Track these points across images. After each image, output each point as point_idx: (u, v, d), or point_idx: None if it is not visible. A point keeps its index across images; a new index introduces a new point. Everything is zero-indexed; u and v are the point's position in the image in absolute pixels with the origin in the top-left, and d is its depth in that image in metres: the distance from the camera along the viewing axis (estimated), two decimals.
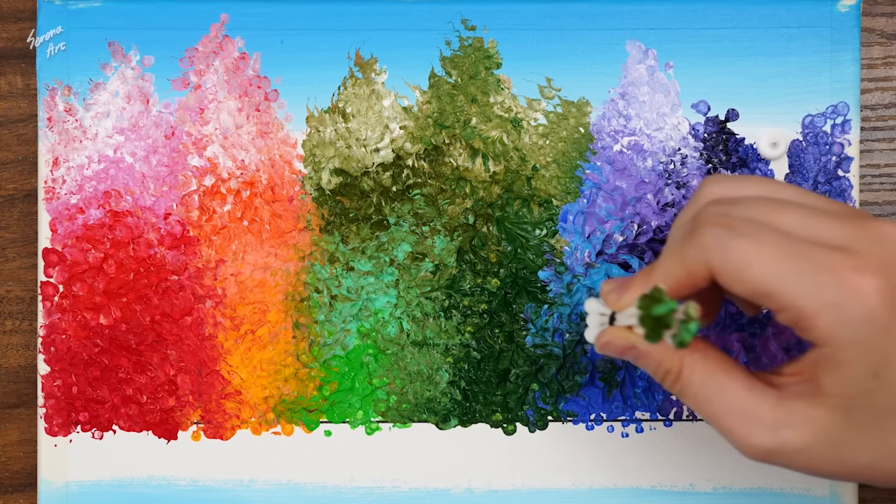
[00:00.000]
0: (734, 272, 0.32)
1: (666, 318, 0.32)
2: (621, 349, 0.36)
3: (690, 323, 0.32)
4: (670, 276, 0.34)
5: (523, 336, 0.45)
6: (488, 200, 0.45)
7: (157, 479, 0.45)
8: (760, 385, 0.34)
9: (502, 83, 0.45)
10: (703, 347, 0.35)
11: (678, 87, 0.45)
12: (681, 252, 0.33)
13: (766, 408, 0.33)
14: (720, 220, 0.33)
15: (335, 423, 0.45)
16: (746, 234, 0.32)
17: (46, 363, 0.45)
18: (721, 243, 0.32)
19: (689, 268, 0.33)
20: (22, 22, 0.47)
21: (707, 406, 0.34)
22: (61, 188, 0.45)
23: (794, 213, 0.33)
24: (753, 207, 0.33)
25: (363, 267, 0.45)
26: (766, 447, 0.33)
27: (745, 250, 0.32)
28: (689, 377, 0.35)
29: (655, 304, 0.33)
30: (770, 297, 0.32)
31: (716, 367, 0.34)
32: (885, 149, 0.46)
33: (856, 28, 0.44)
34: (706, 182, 0.36)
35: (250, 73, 0.45)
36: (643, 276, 0.35)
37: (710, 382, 0.34)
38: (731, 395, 0.34)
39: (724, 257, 0.32)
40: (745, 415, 0.33)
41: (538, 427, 0.45)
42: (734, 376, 0.34)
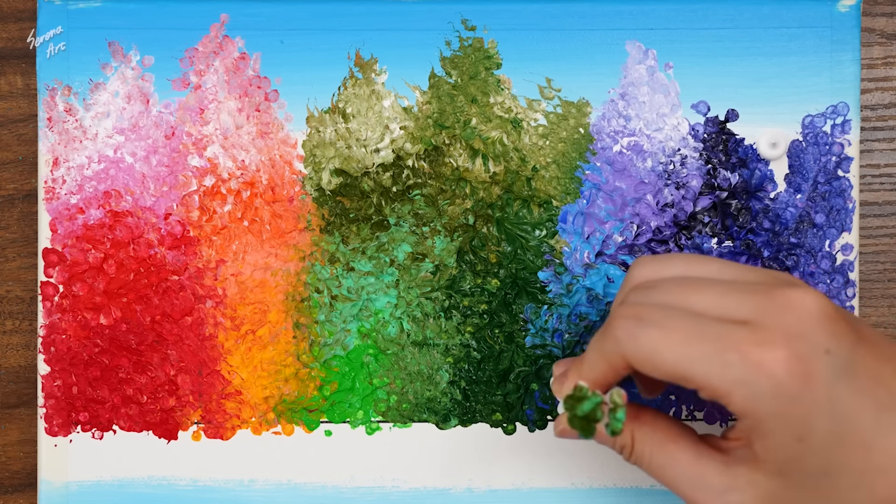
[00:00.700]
0: (646, 360, 0.33)
1: (593, 413, 0.34)
2: (576, 435, 0.37)
3: (618, 410, 0.33)
4: (595, 368, 0.35)
5: (523, 336, 0.45)
6: (488, 201, 0.45)
7: (157, 479, 0.45)
8: (708, 451, 0.35)
9: (502, 83, 0.45)
10: (650, 419, 0.36)
11: (678, 87, 0.45)
12: (600, 345, 0.35)
13: (714, 473, 0.34)
14: (630, 312, 0.34)
15: (335, 423, 0.45)
16: (654, 322, 0.33)
17: (46, 363, 0.45)
18: (631, 335, 0.33)
19: (608, 359, 0.34)
20: (22, 22, 0.47)
21: (661, 474, 0.36)
22: (61, 188, 0.45)
23: (706, 291, 0.34)
24: (669, 291, 0.34)
25: (363, 267, 0.45)
26: None
27: (652, 339, 0.33)
28: (641, 449, 0.36)
29: (579, 404, 0.34)
30: (685, 379, 0.33)
31: (664, 438, 0.36)
32: (885, 149, 0.46)
33: (856, 28, 0.44)
34: (633, 266, 0.37)
35: (250, 73, 0.45)
36: (576, 367, 0.37)
37: (660, 453, 0.36)
38: (682, 464, 0.35)
39: (635, 348, 0.33)
40: (696, 481, 0.35)
41: (538, 427, 0.45)
42: (682, 445, 0.36)
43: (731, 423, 0.36)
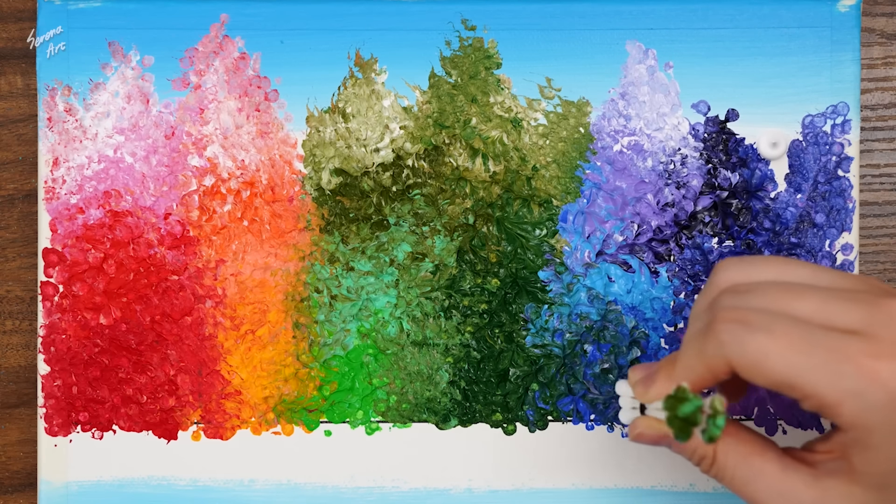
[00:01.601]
0: (753, 367, 0.32)
1: (693, 416, 0.33)
2: (654, 439, 0.37)
3: (718, 417, 0.32)
4: (692, 371, 0.34)
5: (523, 336, 0.45)
6: (488, 200, 0.45)
7: (157, 479, 0.45)
8: (794, 464, 0.34)
9: (502, 83, 0.45)
10: (734, 431, 0.35)
11: (678, 87, 0.45)
12: (700, 348, 0.34)
13: (802, 487, 0.33)
14: (735, 316, 0.33)
15: (335, 423, 0.45)
16: (762, 327, 0.32)
17: (46, 363, 0.45)
18: (738, 339, 0.32)
19: (708, 363, 0.33)
20: (22, 22, 0.47)
21: (744, 489, 0.35)
22: (61, 188, 0.45)
23: (809, 298, 0.33)
24: (768, 296, 0.33)
25: (363, 267, 0.45)
26: None
27: (761, 345, 0.32)
28: (724, 461, 0.35)
29: (680, 405, 0.33)
30: (791, 388, 0.32)
31: (749, 450, 0.35)
32: (885, 149, 0.46)
33: (856, 28, 0.44)
34: (719, 267, 0.36)
35: (250, 73, 0.45)
36: (666, 368, 0.36)
37: (745, 466, 0.35)
38: (767, 477, 0.34)
39: (741, 353, 0.32)
40: (783, 496, 0.34)
41: (538, 427, 0.45)
42: (767, 458, 0.34)
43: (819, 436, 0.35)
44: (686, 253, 0.45)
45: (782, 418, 0.45)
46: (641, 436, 0.37)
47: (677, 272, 0.45)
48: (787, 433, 0.45)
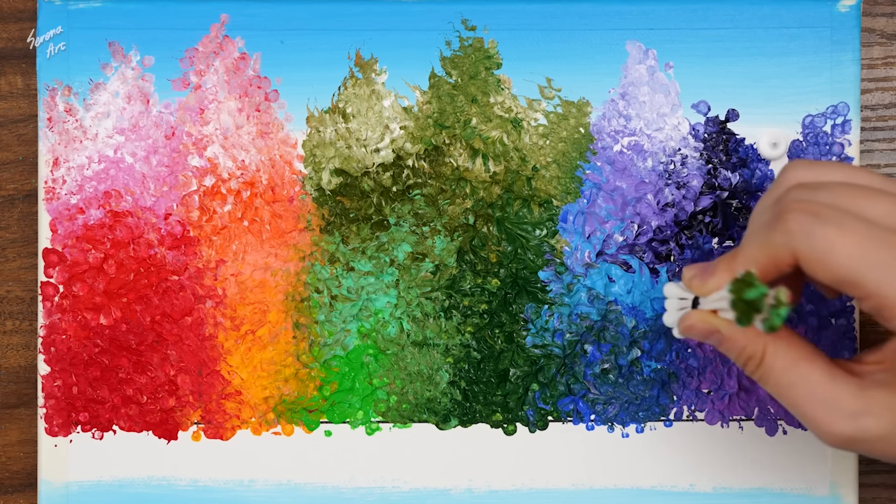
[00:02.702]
0: (819, 259, 0.32)
1: (757, 303, 0.33)
2: (705, 333, 0.36)
3: (781, 308, 0.32)
4: (755, 262, 0.34)
5: (523, 336, 0.45)
6: (488, 201, 0.45)
7: (157, 479, 0.45)
8: (842, 373, 0.34)
9: (502, 83, 0.45)
10: (786, 334, 0.35)
11: (678, 87, 0.45)
12: (766, 237, 0.33)
13: (848, 396, 0.33)
14: (805, 207, 0.33)
15: (335, 423, 0.45)
16: (832, 221, 0.32)
17: (46, 363, 0.45)
18: (806, 230, 0.32)
19: (774, 253, 0.33)
20: (22, 22, 0.47)
21: (788, 393, 0.35)
22: (61, 188, 0.45)
23: (879, 201, 0.33)
24: (838, 194, 0.33)
25: (363, 267, 0.45)
26: (847, 435, 0.33)
27: (830, 238, 0.32)
28: (772, 363, 0.35)
29: (747, 289, 0.33)
30: (854, 285, 0.32)
31: (798, 355, 0.35)
32: (885, 149, 0.46)
33: (856, 28, 0.44)
34: (789, 166, 0.36)
35: (250, 73, 0.45)
36: (727, 261, 0.35)
37: (792, 370, 0.34)
38: (813, 383, 0.34)
39: (809, 244, 0.32)
40: (827, 403, 0.34)
41: (538, 427, 0.45)
42: (816, 364, 0.34)
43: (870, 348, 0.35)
44: (686, 253, 0.45)
45: (782, 418, 0.45)
46: (692, 328, 0.36)
47: (677, 272, 0.45)
48: (788, 433, 0.45)
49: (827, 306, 0.44)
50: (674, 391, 0.45)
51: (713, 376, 0.45)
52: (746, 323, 0.33)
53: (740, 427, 0.45)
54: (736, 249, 0.35)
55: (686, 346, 0.45)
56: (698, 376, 0.45)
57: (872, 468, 0.46)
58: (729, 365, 0.45)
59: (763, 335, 0.35)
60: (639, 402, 0.45)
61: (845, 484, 0.44)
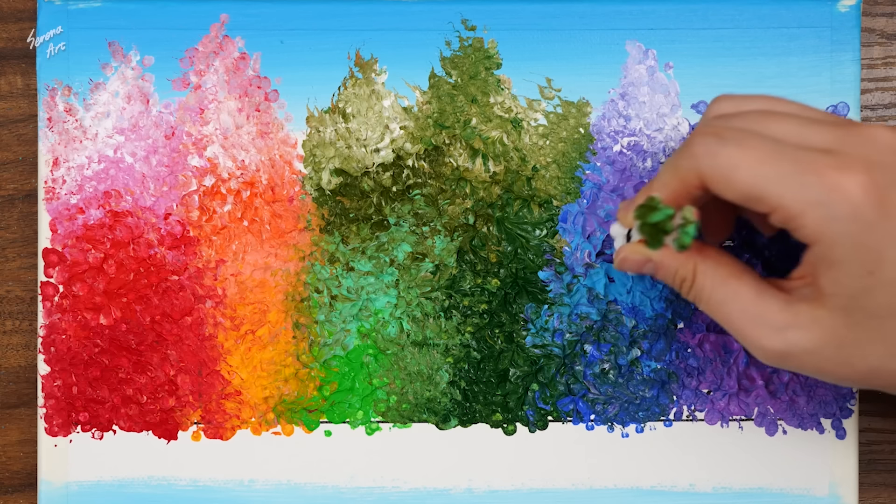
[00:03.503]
0: (722, 177, 0.33)
1: (663, 224, 0.34)
2: (638, 263, 0.38)
3: (689, 226, 0.33)
4: (666, 187, 0.35)
5: (523, 336, 0.45)
6: (488, 201, 0.45)
7: (157, 479, 0.45)
8: (770, 289, 0.35)
9: (502, 83, 0.45)
10: (714, 255, 0.36)
11: (678, 87, 0.45)
12: (675, 162, 0.35)
13: (776, 311, 0.34)
14: (711, 130, 0.34)
15: (335, 423, 0.45)
16: (734, 140, 0.33)
17: (46, 363, 0.45)
18: (709, 150, 0.34)
19: (682, 176, 0.35)
20: (22, 22, 0.47)
21: (719, 310, 0.36)
22: (61, 188, 0.45)
23: (787, 122, 0.34)
24: (749, 118, 0.35)
25: (363, 267, 0.45)
26: (777, 349, 0.34)
27: (731, 155, 0.33)
28: (702, 282, 0.36)
29: (651, 212, 0.34)
30: (758, 199, 0.33)
31: (727, 273, 0.36)
32: None
33: (856, 28, 0.44)
34: (714, 101, 0.37)
35: (250, 73, 0.45)
36: (644, 190, 0.37)
37: (722, 287, 0.36)
38: (742, 300, 0.35)
39: (712, 163, 0.33)
40: (756, 318, 0.35)
41: (538, 427, 0.45)
42: (744, 281, 0.35)
43: None
44: None
45: (782, 418, 0.45)
46: (626, 260, 0.38)
47: None
48: (787, 433, 0.45)
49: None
50: (673, 391, 0.45)
51: (713, 376, 0.45)
52: (656, 245, 0.35)
53: (740, 427, 0.45)
54: (652, 179, 0.37)
55: (686, 345, 0.45)
56: (698, 376, 0.45)
57: (872, 468, 0.46)
58: (728, 365, 0.45)
59: (693, 257, 0.36)
60: (638, 402, 0.45)
61: (845, 484, 0.44)
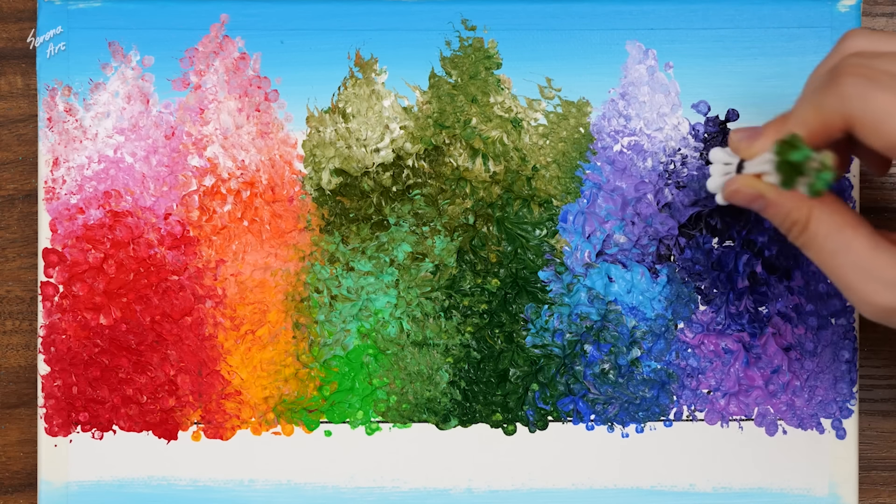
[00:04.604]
0: (873, 123, 0.32)
1: (801, 166, 0.32)
2: (750, 197, 0.36)
3: (825, 172, 0.32)
4: (806, 125, 0.34)
5: (523, 336, 0.45)
6: (488, 200, 0.45)
7: (157, 479, 0.45)
8: (885, 244, 0.34)
9: (502, 83, 0.45)
10: (831, 201, 0.35)
11: (678, 87, 0.45)
12: (819, 100, 0.33)
13: (890, 266, 0.33)
14: (862, 71, 0.32)
15: (335, 423, 0.45)
16: (889, 86, 0.32)
17: (46, 363, 0.45)
18: (862, 94, 0.32)
19: (825, 117, 0.33)
20: (22, 22, 0.47)
21: (830, 260, 0.34)
22: (61, 188, 0.45)
23: None
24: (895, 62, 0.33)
25: (363, 267, 0.45)
26: (886, 305, 0.33)
27: (886, 102, 0.32)
28: (816, 229, 0.35)
29: (792, 151, 0.32)
30: None
31: (843, 222, 0.34)
32: None
33: None
34: (848, 34, 0.35)
35: (250, 73, 0.45)
36: (777, 123, 0.35)
37: (836, 236, 0.34)
38: (855, 252, 0.34)
39: (864, 108, 0.32)
40: (868, 272, 0.34)
41: (538, 427, 0.45)
42: (860, 232, 0.34)
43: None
44: (686, 253, 0.45)
45: (782, 418, 0.45)
46: (737, 193, 0.36)
47: (678, 272, 0.45)
48: (787, 433, 0.45)
49: (827, 306, 0.44)
50: (673, 391, 0.45)
51: (713, 376, 0.45)
52: (790, 186, 0.33)
53: (740, 427, 0.45)
54: (787, 112, 0.35)
55: (686, 346, 0.45)
56: (698, 376, 0.45)
57: (872, 468, 0.46)
58: (728, 365, 0.45)
59: (808, 201, 0.34)
60: (638, 402, 0.45)
61: (845, 484, 0.44)
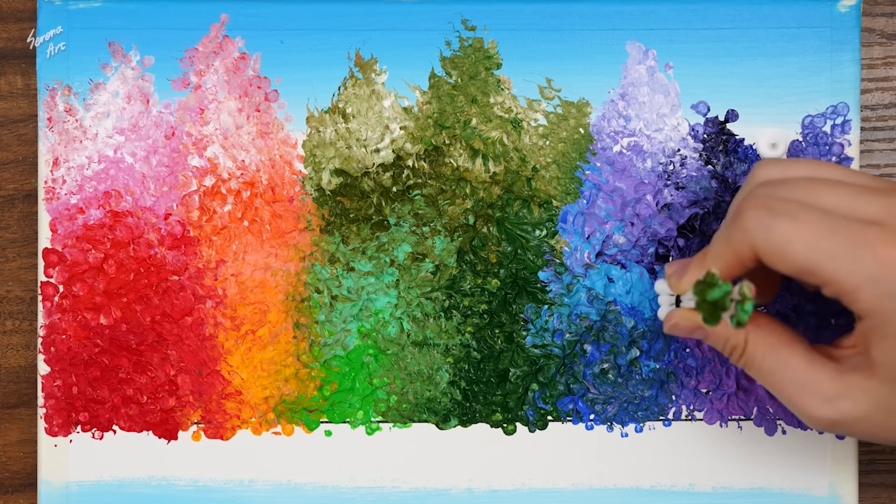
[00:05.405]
0: (776, 252, 0.33)
1: (722, 301, 0.34)
2: (688, 330, 0.38)
3: (746, 303, 0.33)
4: (720, 259, 0.35)
5: (523, 336, 0.45)
6: (488, 201, 0.45)
7: (157, 479, 0.45)
8: (820, 358, 0.35)
9: (502, 84, 0.45)
10: (765, 323, 0.36)
11: (678, 87, 0.45)
12: (727, 235, 0.35)
13: (826, 380, 0.34)
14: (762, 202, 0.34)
15: (335, 423, 0.45)
16: (786, 214, 0.33)
17: (46, 363, 0.45)
18: (762, 225, 0.33)
19: (735, 249, 0.34)
20: (22, 22, 0.47)
21: (770, 378, 0.36)
22: (61, 188, 0.45)
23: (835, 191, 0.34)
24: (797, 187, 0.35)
25: (363, 267, 0.45)
26: (827, 418, 0.34)
27: (784, 230, 0.33)
28: (753, 352, 0.36)
29: (710, 289, 0.34)
30: (812, 273, 0.33)
31: (778, 342, 0.36)
32: (885, 149, 0.46)
33: (856, 28, 0.44)
34: (757, 165, 0.37)
35: (250, 73, 0.45)
36: (698, 260, 0.37)
37: (773, 356, 0.36)
38: (793, 369, 0.35)
39: (765, 238, 0.33)
40: (807, 387, 0.35)
41: (538, 427, 0.45)
42: (795, 350, 0.36)
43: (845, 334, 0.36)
44: (686, 253, 0.45)
45: (782, 418, 0.45)
46: (676, 326, 0.38)
47: None
48: (787, 433, 0.45)
49: (827, 306, 0.44)
50: (672, 391, 0.45)
51: (712, 376, 0.45)
52: (713, 322, 0.34)
53: (739, 427, 0.45)
54: (706, 248, 0.37)
55: (684, 345, 0.45)
56: (697, 376, 0.45)
57: (872, 468, 0.46)
58: (727, 365, 0.45)
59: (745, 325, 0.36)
60: (638, 402, 0.45)
61: (845, 484, 0.44)
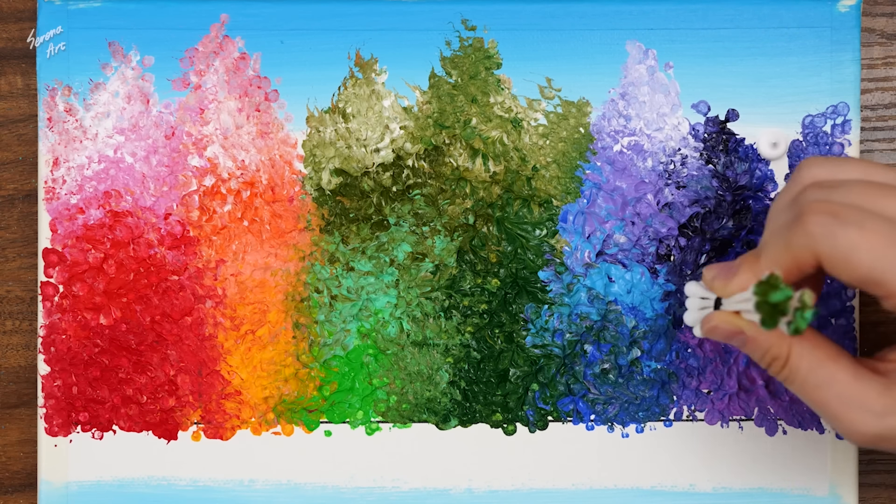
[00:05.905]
0: (842, 260, 0.32)
1: (782, 305, 0.33)
2: (728, 334, 0.36)
3: (806, 311, 0.32)
4: (778, 263, 0.34)
5: (523, 336, 0.45)
6: (488, 201, 0.45)
7: (157, 479, 0.45)
8: (867, 373, 0.34)
9: (502, 83, 0.45)
10: (810, 335, 0.35)
11: (678, 87, 0.45)
12: (787, 239, 0.34)
13: (874, 395, 0.34)
14: (825, 208, 0.33)
15: (335, 423, 0.45)
16: (853, 222, 0.32)
17: (46, 363, 0.45)
18: (828, 232, 0.32)
19: (795, 255, 0.33)
20: (22, 22, 0.47)
21: (815, 393, 0.35)
22: (61, 188, 0.45)
23: (895, 197, 0.33)
24: (855, 193, 0.34)
25: (363, 267, 0.45)
26: (875, 433, 0.34)
27: (852, 238, 0.32)
28: (797, 364, 0.35)
29: (772, 291, 0.33)
30: (877, 284, 0.32)
31: (823, 356, 0.35)
32: (885, 149, 0.46)
33: (856, 28, 0.44)
34: (804, 164, 0.36)
35: (250, 73, 0.45)
36: (749, 262, 0.35)
37: (818, 370, 0.35)
38: (839, 384, 0.34)
39: (832, 245, 0.32)
40: (853, 402, 0.34)
41: (538, 427, 0.45)
42: (842, 364, 0.35)
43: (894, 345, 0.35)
44: (687, 253, 0.45)
45: (782, 418, 0.45)
46: (715, 329, 0.36)
47: (684, 273, 0.45)
48: (787, 433, 0.45)
49: (827, 307, 0.44)
50: (673, 391, 0.45)
51: (713, 376, 0.45)
52: (772, 325, 0.33)
53: (740, 427, 0.45)
54: (758, 250, 0.35)
55: (686, 345, 0.45)
56: (698, 376, 0.45)
57: (872, 468, 0.46)
58: (728, 365, 0.45)
59: (787, 337, 0.35)
60: (638, 402, 0.45)
61: (845, 484, 0.44)
